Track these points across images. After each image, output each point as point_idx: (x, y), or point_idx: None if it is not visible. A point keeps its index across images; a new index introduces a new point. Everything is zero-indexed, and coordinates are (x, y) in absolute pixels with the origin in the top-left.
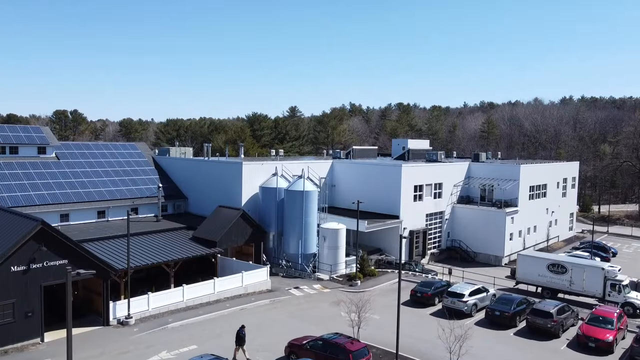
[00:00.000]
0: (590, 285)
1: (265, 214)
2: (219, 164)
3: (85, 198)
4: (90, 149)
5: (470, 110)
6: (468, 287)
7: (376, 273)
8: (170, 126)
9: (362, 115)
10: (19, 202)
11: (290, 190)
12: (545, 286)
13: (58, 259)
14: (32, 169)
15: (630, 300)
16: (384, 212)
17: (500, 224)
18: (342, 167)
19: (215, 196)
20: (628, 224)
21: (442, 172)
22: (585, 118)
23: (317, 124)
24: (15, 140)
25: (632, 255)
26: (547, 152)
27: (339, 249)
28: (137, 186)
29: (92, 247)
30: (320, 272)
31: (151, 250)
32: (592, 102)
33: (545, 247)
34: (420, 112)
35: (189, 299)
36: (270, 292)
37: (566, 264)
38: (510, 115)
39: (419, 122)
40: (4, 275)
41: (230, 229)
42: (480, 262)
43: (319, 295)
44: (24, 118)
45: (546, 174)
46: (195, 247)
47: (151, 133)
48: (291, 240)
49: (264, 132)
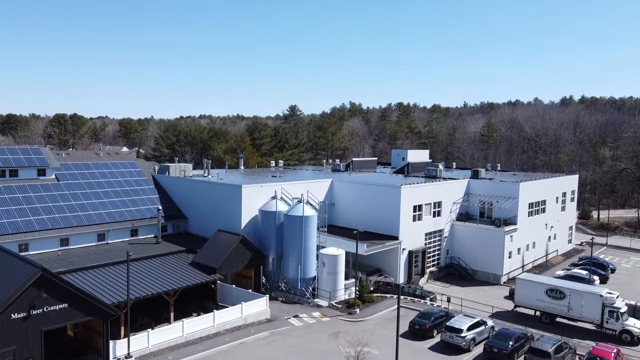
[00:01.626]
0: (589, 311)
1: (264, 237)
2: (219, 185)
3: (85, 222)
4: (90, 168)
5: (470, 111)
6: (466, 321)
7: (375, 299)
8: (170, 131)
9: (362, 116)
10: (20, 228)
11: (290, 215)
12: (543, 311)
13: (58, 304)
14: (32, 192)
15: (627, 328)
16: (383, 233)
17: (499, 242)
18: (341, 186)
19: (215, 217)
20: (627, 233)
21: (441, 190)
22: (585, 122)
23: (316, 129)
24: (15, 163)
25: (631, 271)
26: (547, 157)
27: (338, 274)
28: (137, 207)
29: (91, 275)
30: (320, 298)
31: (151, 279)
32: (592, 102)
33: (543, 263)
34: (420, 113)
35: (189, 333)
36: (269, 322)
37: (565, 289)
38: (510, 118)
39: (419, 124)
40: (4, 323)
41: (230, 255)
42: (479, 279)
43: (318, 326)
44: (23, 117)
45: (545, 190)
46: (195, 274)
47: (150, 133)
48: (290, 264)
49: (264, 140)
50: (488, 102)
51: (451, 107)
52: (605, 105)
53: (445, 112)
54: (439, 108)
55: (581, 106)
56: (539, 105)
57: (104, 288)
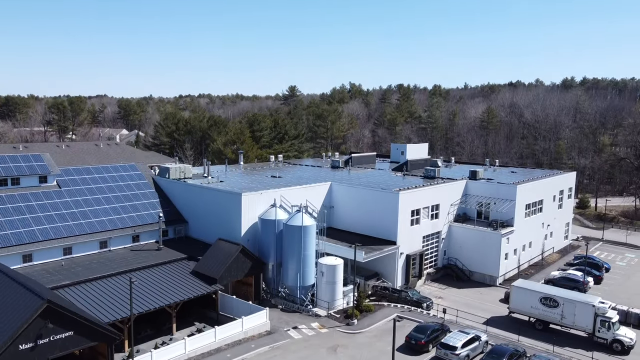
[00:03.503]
0: (581, 320)
1: (264, 245)
2: (219, 192)
3: (88, 230)
4: (91, 173)
5: (471, 94)
6: (461, 338)
7: (372, 308)
8: (170, 119)
9: (361, 98)
10: (23, 239)
11: (289, 225)
12: (537, 318)
13: (64, 332)
14: (34, 200)
15: (618, 338)
16: (381, 237)
17: (495, 245)
18: (340, 189)
19: (215, 223)
20: (623, 225)
21: (439, 193)
22: (585, 107)
23: (316, 118)
24: (17, 171)
25: (625, 269)
26: (546, 144)
27: (336, 283)
28: (137, 212)
29: (95, 288)
30: (318, 307)
31: (153, 291)
32: (594, 84)
33: (539, 261)
34: (420, 95)
35: (191, 350)
36: (269, 335)
37: (558, 298)
38: (510, 102)
39: (419, 108)
40: (12, 355)
41: (230, 265)
42: (476, 280)
43: (316, 339)
44: (22, 99)
45: (543, 190)
46: (197, 284)
47: (150, 115)
48: (290, 272)
49: (263, 132)
50: (489, 83)
51: (452, 89)
52: (606, 88)
53: (446, 95)
54: (440, 90)
55: (581, 91)
56: (540, 89)
57: (108, 303)
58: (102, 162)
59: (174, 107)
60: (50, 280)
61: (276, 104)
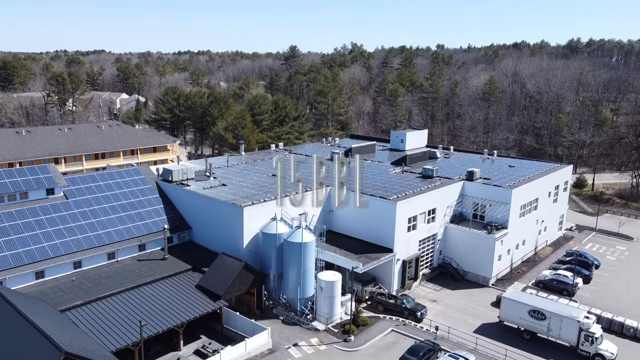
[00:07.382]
0: (566, 333)
1: (265, 257)
2: (221, 204)
3: (96, 243)
4: (96, 180)
5: (474, 60)
6: None
7: (369, 321)
8: (170, 95)
9: (363, 61)
10: (35, 257)
11: (289, 242)
12: (525, 328)
13: None
14: (43, 214)
15: (601, 352)
16: (378, 244)
17: (489, 248)
18: (339, 194)
19: (218, 232)
20: (618, 208)
21: (436, 197)
22: (588, 79)
23: (317, 94)
24: (25, 186)
25: (615, 265)
26: (547, 118)
27: (334, 298)
28: (143, 221)
29: (105, 307)
30: (318, 321)
31: (161, 310)
32: (600, 46)
33: (532, 257)
34: (422, 59)
35: None
36: (271, 354)
37: (546, 312)
38: (513, 71)
39: (420, 76)
40: None
41: (234, 281)
42: (469, 280)
43: (316, 357)
44: (19, 60)
45: (538, 188)
46: (202, 301)
47: (149, 78)
48: (290, 285)
49: (264, 116)
50: (493, 44)
51: (455, 50)
52: (612, 50)
53: (449, 59)
54: (442, 55)
55: (586, 59)
56: (544, 54)
57: (118, 326)
58: (104, 145)
59: (173, 68)
60: (62, 299)
61: (277, 63)
